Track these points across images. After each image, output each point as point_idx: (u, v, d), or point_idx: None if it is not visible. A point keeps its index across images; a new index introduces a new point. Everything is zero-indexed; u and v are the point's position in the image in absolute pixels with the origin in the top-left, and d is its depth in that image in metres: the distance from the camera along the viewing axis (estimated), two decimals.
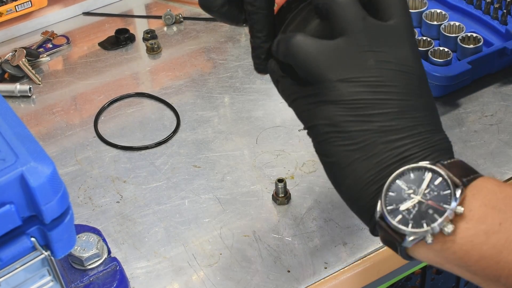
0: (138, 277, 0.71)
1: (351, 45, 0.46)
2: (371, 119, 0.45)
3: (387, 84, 0.45)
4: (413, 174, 0.45)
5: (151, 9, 1.15)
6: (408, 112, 0.45)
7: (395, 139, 0.45)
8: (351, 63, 0.45)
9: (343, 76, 0.45)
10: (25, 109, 0.95)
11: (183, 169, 0.84)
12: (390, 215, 0.45)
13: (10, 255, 0.46)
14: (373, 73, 0.45)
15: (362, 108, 0.45)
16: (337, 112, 0.46)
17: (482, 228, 0.44)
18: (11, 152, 0.45)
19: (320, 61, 0.46)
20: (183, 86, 0.97)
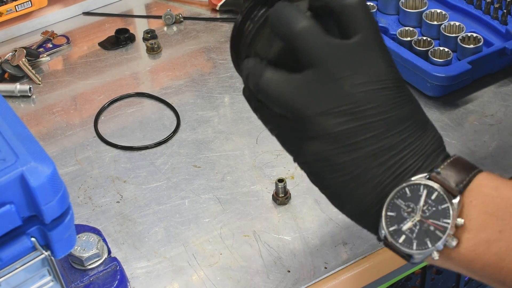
0: (138, 277, 0.71)
1: (322, 76, 0.44)
2: (359, 146, 0.44)
3: (367, 107, 0.44)
4: (410, 191, 0.45)
5: (151, 9, 1.15)
6: (394, 128, 0.45)
7: (386, 159, 0.44)
8: (326, 95, 0.44)
9: (320, 109, 0.44)
10: (25, 109, 0.95)
11: (183, 169, 0.84)
12: (393, 236, 0.45)
13: (10, 255, 0.46)
14: (350, 99, 0.44)
15: (348, 137, 0.44)
16: (324, 147, 0.45)
17: (482, 237, 0.44)
18: (11, 152, 0.45)
19: (294, 99, 0.45)
20: (183, 86, 0.97)
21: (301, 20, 0.44)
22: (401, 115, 0.45)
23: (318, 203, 0.77)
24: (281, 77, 0.45)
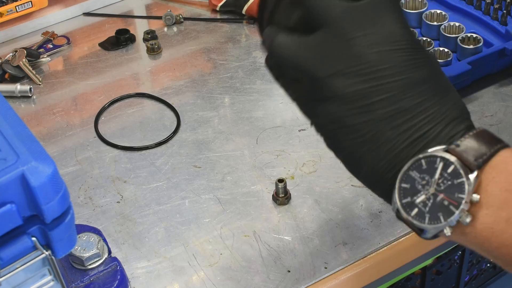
0: (139, 277, 0.71)
1: (332, 37, 0.43)
2: (372, 108, 0.43)
3: (380, 68, 0.43)
4: (426, 163, 0.43)
5: (152, 9, 1.15)
6: (409, 90, 0.43)
7: (401, 122, 0.43)
8: (337, 56, 0.43)
9: (332, 71, 0.43)
10: (26, 110, 0.96)
11: (183, 169, 0.84)
12: (406, 209, 0.44)
13: (11, 255, 0.47)
14: (362, 60, 0.43)
15: (360, 98, 0.43)
16: (336, 108, 0.44)
17: (503, 215, 0.42)
18: (12, 152, 0.45)
19: (306, 61, 0.44)
20: (183, 87, 0.97)
21: None
22: (417, 78, 0.43)
23: (318, 203, 0.77)
24: (293, 39, 0.45)
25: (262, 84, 0.96)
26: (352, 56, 0.43)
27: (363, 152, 0.44)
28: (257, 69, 0.99)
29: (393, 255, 0.73)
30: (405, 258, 0.75)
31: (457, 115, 0.44)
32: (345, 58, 0.43)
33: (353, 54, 0.43)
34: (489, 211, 0.42)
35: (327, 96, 0.44)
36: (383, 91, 0.43)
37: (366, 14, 0.43)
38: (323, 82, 0.44)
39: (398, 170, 0.44)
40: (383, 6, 0.44)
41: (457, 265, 0.97)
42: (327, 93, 0.44)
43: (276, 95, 0.94)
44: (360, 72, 0.43)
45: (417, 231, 0.45)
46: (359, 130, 0.44)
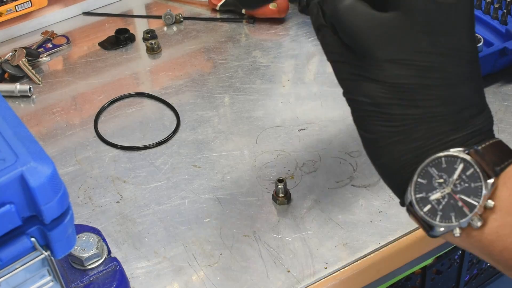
0: (138, 277, 0.71)
1: (406, 24, 0.42)
2: (416, 104, 0.43)
3: (437, 70, 0.43)
4: (446, 162, 0.43)
5: (151, 9, 1.15)
6: (455, 99, 0.43)
7: (437, 125, 0.43)
8: (402, 44, 0.43)
9: (392, 56, 0.43)
10: (25, 109, 0.95)
11: (183, 169, 0.84)
12: (419, 204, 0.44)
13: (10, 255, 0.46)
14: (424, 57, 0.43)
15: (408, 92, 0.43)
16: (381, 93, 0.44)
17: (509, 220, 0.42)
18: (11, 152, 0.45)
19: (370, 37, 0.43)
20: (183, 86, 0.97)
21: None
22: (465, 90, 0.44)
23: (318, 203, 0.77)
24: (365, 10, 0.43)
25: (262, 83, 0.96)
26: (417, 49, 0.43)
27: (391, 142, 0.44)
28: (257, 69, 0.99)
29: (393, 255, 0.73)
30: (405, 258, 0.75)
31: (487, 128, 0.45)
32: (409, 49, 0.43)
33: (418, 48, 0.43)
34: (497, 215, 0.43)
35: (375, 78, 0.44)
36: (432, 92, 0.43)
37: (445, 16, 0.43)
38: (379, 64, 0.43)
39: (417, 167, 0.44)
40: (461, 14, 0.43)
41: (457, 265, 0.97)
42: (379, 76, 0.43)
43: (276, 94, 0.94)
44: (418, 68, 0.43)
45: (425, 227, 0.45)
46: (396, 121, 0.44)
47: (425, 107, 0.43)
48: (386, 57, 0.43)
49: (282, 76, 0.97)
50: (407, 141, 0.44)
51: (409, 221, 0.75)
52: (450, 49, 0.43)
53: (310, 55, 1.01)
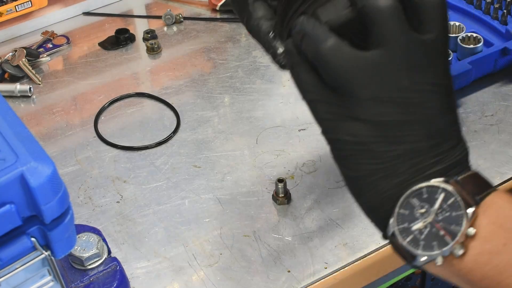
0: (138, 277, 0.71)
1: (389, 62, 0.43)
2: (400, 140, 0.44)
3: (419, 106, 0.44)
4: (427, 192, 0.44)
5: (151, 9, 1.15)
6: (436, 133, 0.44)
7: (420, 159, 0.44)
8: (385, 81, 0.43)
9: (375, 94, 0.43)
10: (25, 109, 0.96)
11: (183, 169, 0.84)
12: (402, 234, 0.45)
13: (10, 255, 0.47)
14: (406, 93, 0.43)
15: (392, 129, 0.44)
16: (365, 131, 0.44)
17: (487, 247, 0.43)
18: (11, 152, 0.45)
19: (354, 76, 0.43)
20: (183, 86, 0.97)
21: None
22: (445, 122, 0.45)
23: (318, 203, 0.77)
24: (348, 50, 0.43)
25: (262, 83, 0.96)
26: (399, 86, 0.43)
27: (376, 178, 0.45)
28: (257, 69, 0.99)
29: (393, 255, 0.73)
30: None
31: (463, 160, 0.46)
32: (391, 86, 0.43)
33: (400, 85, 0.43)
34: (476, 243, 0.43)
35: (359, 117, 0.44)
36: (415, 127, 0.44)
37: (425, 51, 0.44)
38: (363, 102, 0.43)
39: (400, 197, 0.45)
40: (441, 47, 0.44)
41: None
42: (363, 115, 0.44)
43: (276, 94, 0.94)
44: (401, 104, 0.43)
45: (408, 258, 0.46)
46: (381, 158, 0.44)
47: (408, 143, 0.44)
48: (369, 96, 0.43)
49: (282, 76, 0.97)
50: (391, 177, 0.45)
51: None
52: (429, 84, 0.44)
53: None
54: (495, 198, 0.45)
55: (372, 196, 0.46)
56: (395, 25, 0.43)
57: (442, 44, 0.45)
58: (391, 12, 0.43)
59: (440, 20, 0.44)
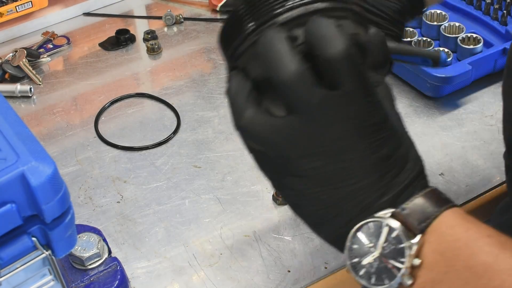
0: (139, 277, 0.71)
1: (305, 123, 0.44)
2: (338, 186, 0.45)
3: (347, 152, 0.45)
4: (373, 226, 0.45)
5: (152, 9, 1.15)
6: (373, 168, 0.45)
7: (364, 197, 0.45)
8: (308, 139, 0.45)
9: (302, 152, 0.45)
10: (26, 110, 0.96)
11: (183, 169, 0.84)
12: (355, 269, 0.46)
13: (11, 255, 0.47)
14: (332, 145, 0.45)
15: (328, 179, 0.45)
16: (304, 185, 0.46)
17: (430, 276, 0.44)
18: (12, 152, 0.45)
19: (276, 141, 0.45)
20: (183, 87, 0.97)
21: (289, 65, 0.44)
22: (379, 157, 0.46)
23: None
24: (264, 120, 0.45)
25: None
26: (323, 140, 0.45)
27: (325, 222, 0.47)
28: None
29: None
30: None
31: (413, 180, 0.46)
32: (315, 142, 0.45)
33: (324, 140, 0.45)
34: (422, 272, 0.44)
35: (295, 174, 0.46)
36: (348, 172, 0.45)
37: (341, 103, 0.44)
38: (294, 161, 0.45)
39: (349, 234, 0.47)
40: (354, 96, 0.45)
41: None
42: (296, 172, 0.46)
43: None
44: (329, 155, 0.45)
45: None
46: (325, 205, 0.46)
47: (348, 186, 0.45)
48: (298, 155, 0.45)
49: None
50: (339, 218, 0.46)
51: None
52: (352, 130, 0.45)
53: None
54: (440, 222, 0.45)
55: (327, 235, 0.48)
56: (304, 90, 0.44)
57: (356, 93, 0.45)
58: (295, 80, 0.44)
59: (348, 73, 0.44)
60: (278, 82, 0.44)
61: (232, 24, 0.48)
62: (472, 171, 0.81)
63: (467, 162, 0.82)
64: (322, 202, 0.46)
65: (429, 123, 0.87)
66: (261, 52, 0.45)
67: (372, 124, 0.45)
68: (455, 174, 0.81)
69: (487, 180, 0.80)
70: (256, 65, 0.45)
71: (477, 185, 0.79)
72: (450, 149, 0.84)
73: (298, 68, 0.43)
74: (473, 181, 0.80)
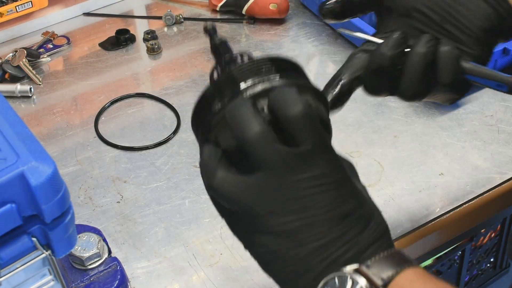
0: (139, 277, 0.71)
1: (270, 179, 0.47)
2: (304, 242, 0.47)
3: (311, 207, 0.47)
4: (338, 281, 0.47)
5: (152, 9, 1.15)
6: (337, 224, 0.47)
7: (328, 254, 0.47)
8: (274, 196, 0.47)
9: (269, 209, 0.47)
10: (26, 110, 0.96)
11: (183, 169, 0.84)
12: None
13: (11, 255, 0.47)
14: (296, 200, 0.47)
15: (294, 234, 0.47)
16: (271, 241, 0.48)
17: None
18: (12, 152, 0.45)
19: (244, 198, 0.47)
20: (183, 87, 0.97)
21: (253, 126, 0.47)
22: (343, 212, 0.47)
23: None
24: (234, 178, 0.48)
25: None
26: (288, 197, 0.47)
27: (291, 279, 0.48)
28: None
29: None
30: None
31: (377, 238, 0.49)
32: (281, 198, 0.47)
33: (289, 196, 0.47)
34: None
35: (262, 231, 0.48)
36: (313, 227, 0.47)
37: (303, 159, 0.47)
38: (260, 218, 0.48)
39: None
40: (315, 153, 0.47)
41: (457, 265, 0.97)
42: (264, 228, 0.48)
43: None
44: (294, 211, 0.47)
45: None
46: (291, 261, 0.48)
47: (314, 241, 0.47)
48: (265, 211, 0.47)
49: None
50: (307, 274, 0.48)
51: (408, 221, 0.75)
52: (316, 187, 0.47)
53: (310, 56, 1.01)
54: (401, 279, 0.46)
55: None
56: (266, 149, 0.47)
57: (317, 150, 0.47)
58: (259, 139, 0.47)
59: (309, 131, 0.47)
60: (243, 142, 0.47)
61: (202, 105, 0.54)
62: (472, 171, 0.81)
63: (467, 162, 0.82)
64: (290, 259, 0.48)
65: (429, 123, 0.87)
66: (228, 117, 0.48)
67: (334, 181, 0.48)
68: (455, 174, 0.81)
69: (487, 180, 0.80)
70: (225, 135, 0.49)
71: (477, 185, 0.79)
72: (450, 149, 0.84)
73: (261, 128, 0.47)
74: (473, 181, 0.80)
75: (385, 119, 0.89)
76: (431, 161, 0.82)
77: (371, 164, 0.82)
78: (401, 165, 0.82)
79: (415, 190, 0.79)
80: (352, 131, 0.87)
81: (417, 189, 0.79)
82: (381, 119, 0.89)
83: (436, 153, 0.83)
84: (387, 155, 0.83)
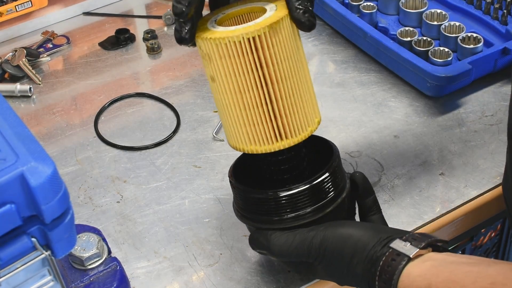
0: (138, 277, 0.71)
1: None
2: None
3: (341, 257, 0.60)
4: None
5: (151, 9, 1.15)
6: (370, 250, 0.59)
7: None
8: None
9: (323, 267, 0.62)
10: (25, 109, 0.96)
11: (183, 169, 0.84)
12: None
13: (10, 255, 0.47)
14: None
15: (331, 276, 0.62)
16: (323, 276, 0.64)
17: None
18: (11, 152, 0.45)
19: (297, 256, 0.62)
20: (183, 86, 0.97)
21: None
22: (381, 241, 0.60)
23: None
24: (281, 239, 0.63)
25: None
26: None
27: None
28: None
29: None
30: None
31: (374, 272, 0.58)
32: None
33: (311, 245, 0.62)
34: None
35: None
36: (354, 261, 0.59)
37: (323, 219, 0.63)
38: (317, 271, 0.63)
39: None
40: (338, 211, 0.65)
41: None
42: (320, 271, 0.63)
43: None
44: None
45: None
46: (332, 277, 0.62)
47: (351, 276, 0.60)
48: (321, 267, 0.61)
49: None
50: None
51: (409, 221, 0.75)
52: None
53: (310, 56, 1.01)
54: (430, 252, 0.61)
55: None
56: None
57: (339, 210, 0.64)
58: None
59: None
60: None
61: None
62: (472, 171, 0.81)
63: (467, 162, 0.82)
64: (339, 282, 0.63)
65: (429, 123, 0.87)
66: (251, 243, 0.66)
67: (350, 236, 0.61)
68: (455, 174, 0.80)
69: (487, 180, 0.80)
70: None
71: (477, 185, 0.79)
72: (450, 149, 0.84)
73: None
74: (473, 181, 0.80)
75: (385, 119, 0.88)
76: (431, 161, 0.82)
77: (371, 164, 0.82)
78: (401, 165, 0.82)
79: (415, 190, 0.79)
80: (352, 131, 0.87)
81: (417, 189, 0.79)
82: (381, 119, 0.89)
83: (435, 153, 0.83)
84: (387, 155, 0.83)
